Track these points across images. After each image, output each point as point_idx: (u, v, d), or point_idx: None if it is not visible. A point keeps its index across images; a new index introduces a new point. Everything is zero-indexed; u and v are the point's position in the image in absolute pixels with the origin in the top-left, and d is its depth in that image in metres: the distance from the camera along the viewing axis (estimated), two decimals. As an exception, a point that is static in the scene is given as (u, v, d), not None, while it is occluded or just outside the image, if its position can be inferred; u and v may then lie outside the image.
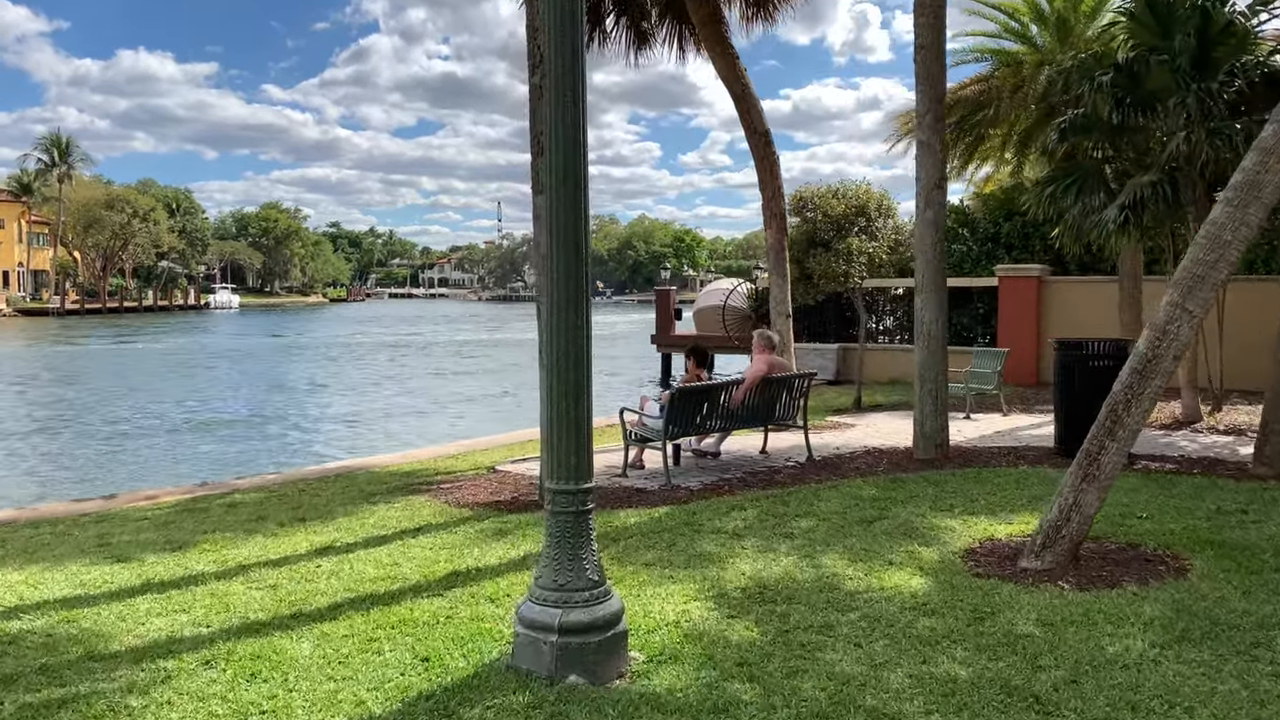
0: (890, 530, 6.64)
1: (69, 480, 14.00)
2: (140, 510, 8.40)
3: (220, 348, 44.74)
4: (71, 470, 14.87)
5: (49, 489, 13.10)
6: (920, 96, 9.07)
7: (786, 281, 11.83)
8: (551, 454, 4.40)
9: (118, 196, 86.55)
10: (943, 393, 9.14)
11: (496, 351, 44.44)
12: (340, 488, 9.06)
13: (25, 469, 15.13)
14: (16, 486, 13.62)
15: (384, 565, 6.03)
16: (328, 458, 15.16)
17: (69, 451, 16.59)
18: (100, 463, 15.36)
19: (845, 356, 19.17)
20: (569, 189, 4.28)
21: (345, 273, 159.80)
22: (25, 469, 15.13)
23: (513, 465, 9.73)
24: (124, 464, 15.18)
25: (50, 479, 14.15)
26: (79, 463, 15.49)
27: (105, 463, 15.34)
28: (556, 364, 4.35)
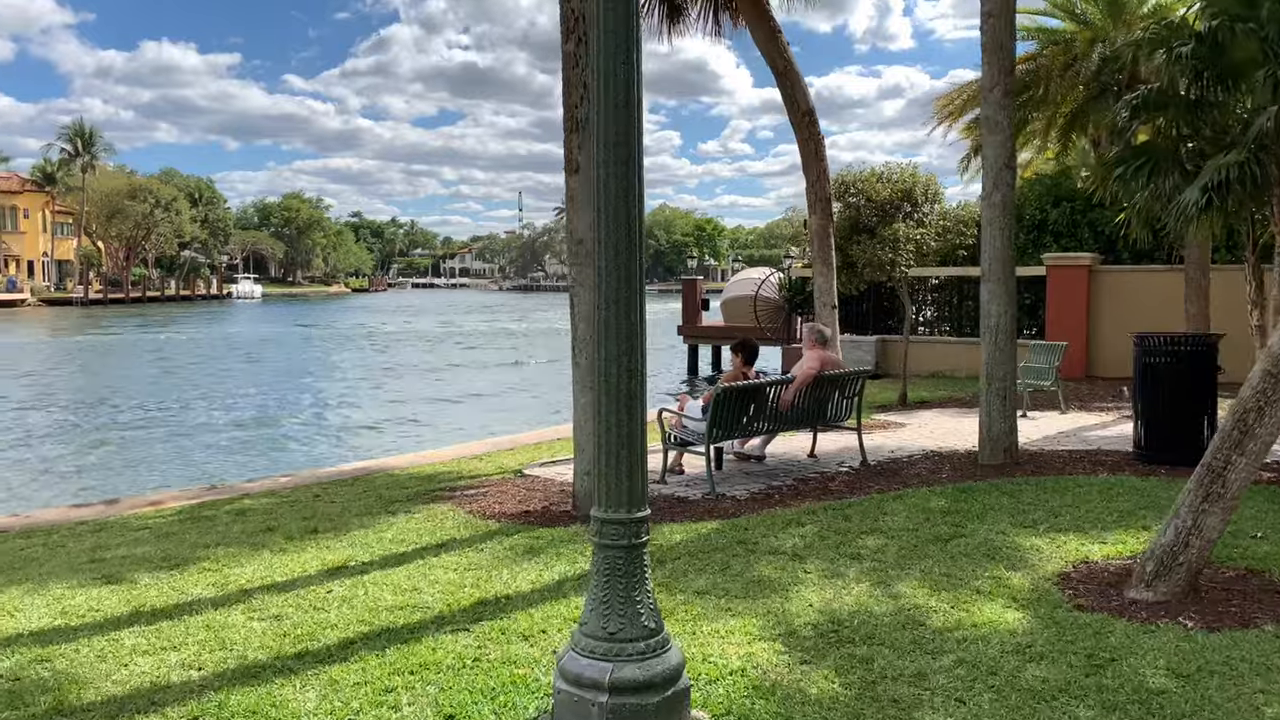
0: (970, 551, 5.89)
1: (77, 479, 13.46)
2: (141, 518, 7.77)
3: (243, 338, 44.36)
4: (81, 467, 14.33)
5: (55, 489, 12.54)
6: (987, 69, 8.28)
7: (832, 270, 11.07)
8: (599, 477, 3.70)
9: (140, 186, 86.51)
10: (1011, 393, 8.37)
11: (521, 343, 43.87)
12: (357, 493, 8.40)
13: (36, 466, 14.61)
14: (24, 485, 13.09)
15: (403, 591, 5.35)
16: (346, 455, 14.56)
17: (82, 448, 16.07)
18: (112, 460, 14.82)
19: (884, 349, 18.39)
20: (619, 157, 3.56)
21: (367, 262, 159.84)
22: (36, 466, 14.61)
23: (541, 469, 9.04)
24: (135, 461, 14.62)
25: (59, 477, 13.61)
26: (90, 460, 14.95)
27: (116, 460, 14.80)
28: (605, 371, 3.64)
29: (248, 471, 13.18)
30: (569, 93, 6.71)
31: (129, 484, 12.62)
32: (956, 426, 11.23)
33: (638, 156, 3.60)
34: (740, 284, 26.46)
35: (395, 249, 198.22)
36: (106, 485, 12.78)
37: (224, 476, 12.69)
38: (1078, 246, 17.62)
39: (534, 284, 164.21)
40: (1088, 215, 17.60)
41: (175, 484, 12.15)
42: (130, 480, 12.97)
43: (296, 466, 13.12)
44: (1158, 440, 8.18)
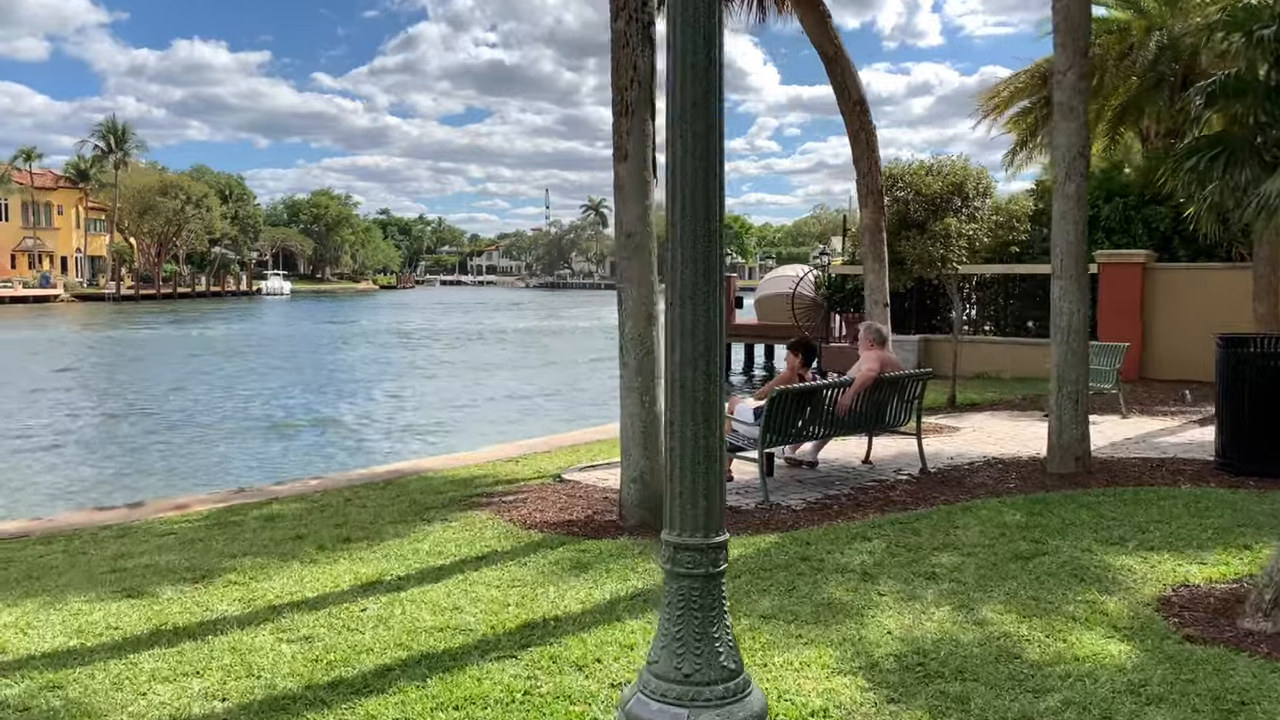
0: (1055, 570, 5.40)
1: (104, 477, 13.21)
2: (166, 523, 7.44)
3: (273, 336, 44.32)
4: (109, 465, 14.09)
5: (81, 488, 12.30)
6: (1061, 51, 7.77)
7: (884, 266, 10.57)
8: (671, 496, 3.26)
9: (172, 183, 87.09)
10: (1084, 397, 7.85)
11: (553, 341, 43.56)
12: (390, 498, 8.03)
13: (65, 464, 14.40)
14: (51, 484, 12.87)
15: (442, 610, 4.95)
16: (377, 457, 14.22)
17: (110, 445, 15.86)
18: (139, 458, 14.57)
19: (927, 349, 17.83)
20: (698, 128, 3.12)
21: (395, 259, 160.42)
22: (65, 464, 14.40)
23: (580, 473, 8.62)
24: (163, 460, 14.37)
25: (86, 475, 13.37)
26: (118, 458, 14.72)
27: (144, 458, 14.55)
28: (680, 376, 3.19)
29: (276, 473, 12.88)
30: (618, 74, 6.27)
31: (155, 484, 12.36)
32: (1013, 431, 10.71)
33: (720, 127, 3.15)
34: (775, 281, 25.95)
35: (423, 246, 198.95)
36: (133, 484, 12.53)
37: (252, 478, 12.39)
38: (1131, 243, 16.98)
39: (560, 281, 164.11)
40: (1141, 211, 16.95)
41: (202, 485, 11.87)
42: (157, 480, 12.71)
43: (327, 468, 12.81)
44: (1244, 450, 7.63)
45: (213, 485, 11.74)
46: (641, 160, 6.27)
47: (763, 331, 25.63)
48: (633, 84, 6.23)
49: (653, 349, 6.38)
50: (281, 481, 9.19)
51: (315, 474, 10.53)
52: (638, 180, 6.27)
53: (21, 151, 77.64)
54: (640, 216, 6.30)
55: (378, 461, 12.98)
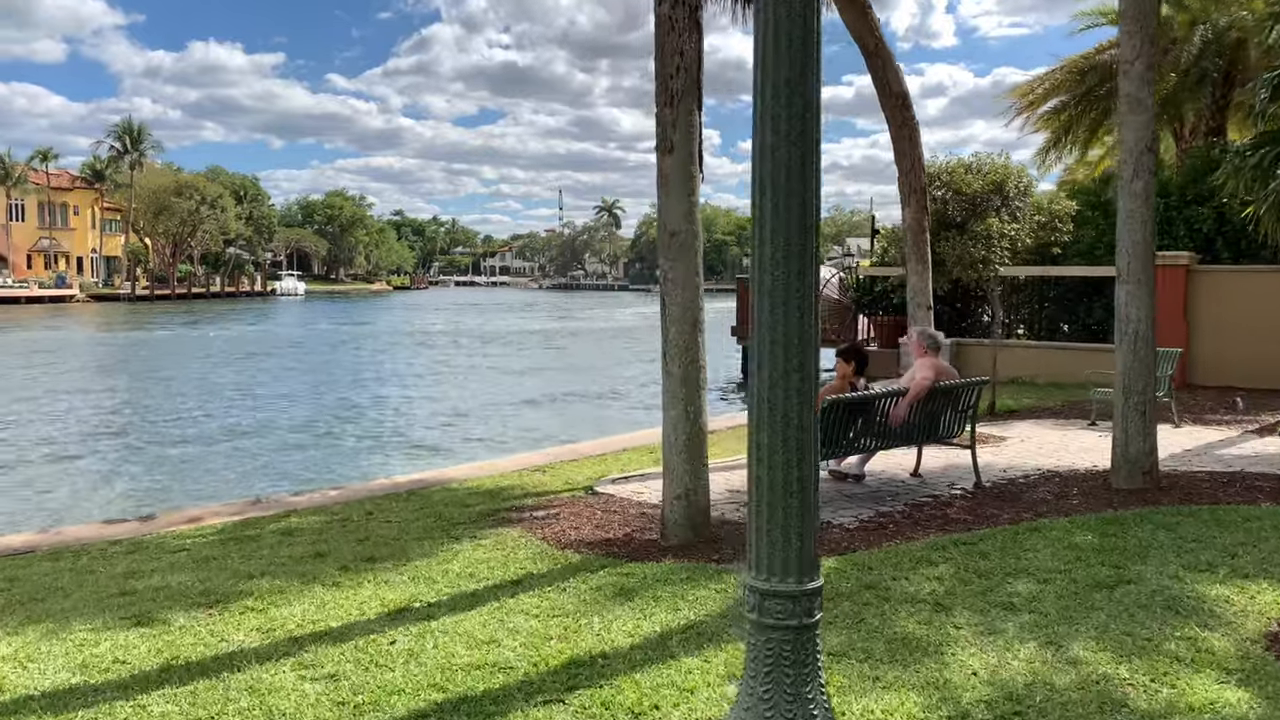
0: (1144, 602, 4.94)
1: (116, 485, 12.85)
2: (179, 537, 7.05)
3: (289, 337, 44.03)
4: (121, 473, 13.73)
5: (92, 497, 11.94)
6: (1127, 40, 7.29)
7: (927, 268, 10.11)
8: (755, 533, 2.83)
9: (187, 183, 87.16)
10: (1152, 407, 7.37)
11: (571, 342, 43.16)
12: (413, 511, 7.61)
13: (76, 470, 14.05)
14: (62, 491, 12.52)
15: (478, 643, 4.52)
16: (398, 464, 13.82)
17: (123, 451, 15.50)
18: (152, 465, 14.19)
19: (961, 354, 17.31)
20: (793, 110, 2.68)
21: (409, 260, 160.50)
22: (76, 470, 14.05)
23: (614, 486, 8.20)
24: (177, 467, 13.97)
25: (98, 482, 13.02)
26: (130, 464, 14.36)
27: (157, 465, 14.16)
28: (769, 395, 2.76)
29: (294, 481, 12.49)
30: (663, 61, 5.84)
31: (168, 492, 11.97)
32: (1063, 440, 10.23)
33: (817, 107, 2.72)
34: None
35: (436, 247, 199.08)
36: (145, 493, 12.16)
37: (269, 487, 12.02)
38: (1172, 245, 16.43)
39: (573, 282, 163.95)
40: (1183, 212, 16.43)
41: (217, 493, 11.50)
42: (170, 488, 12.32)
43: (346, 477, 12.43)
44: (1325, 464, 7.14)
45: (228, 494, 11.38)
46: (687, 153, 5.84)
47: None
48: (679, 72, 5.80)
49: (698, 357, 5.94)
50: (300, 491, 8.79)
51: (334, 483, 10.14)
52: (683, 175, 5.83)
53: (38, 152, 77.88)
54: (686, 214, 5.87)
55: (399, 469, 12.58)
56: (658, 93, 5.90)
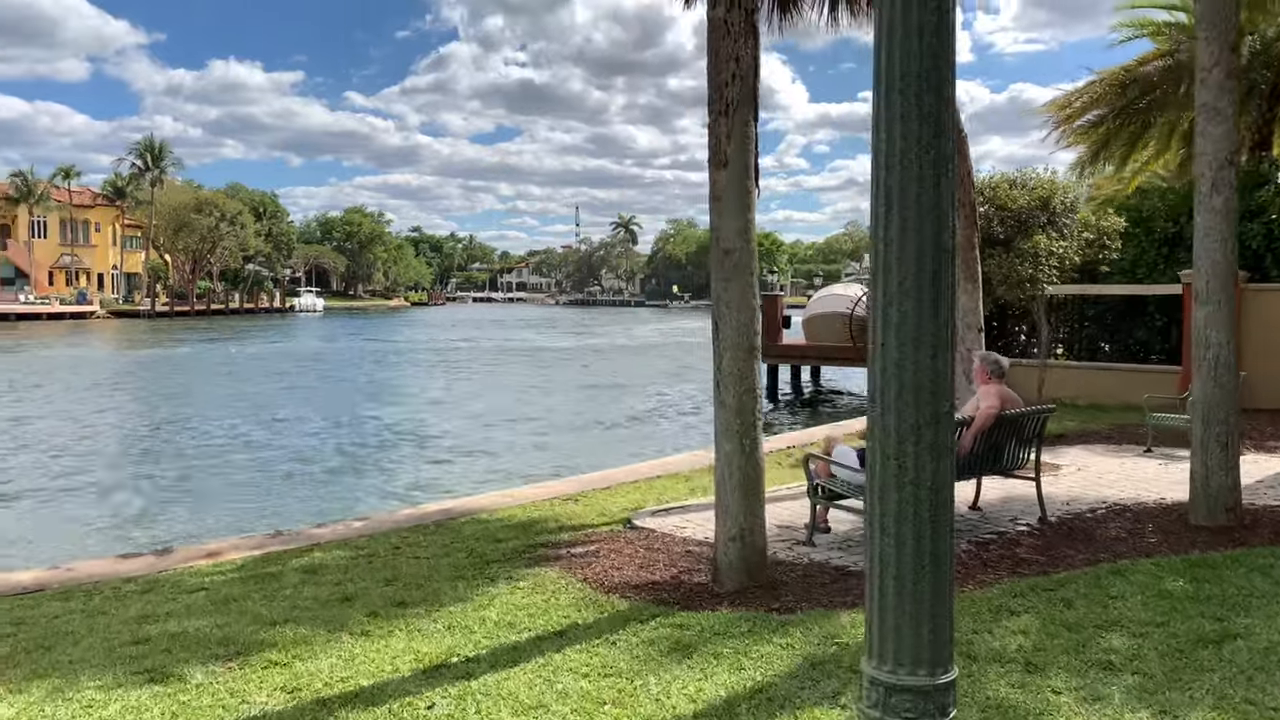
0: (1261, 662, 4.46)
1: (132, 513, 12.48)
2: (197, 574, 6.65)
3: (309, 354, 43.77)
4: (137, 499, 13.37)
5: (107, 527, 11.58)
6: (1205, 46, 6.85)
7: (978, 287, 9.64)
8: (880, 615, 2.37)
9: (207, 200, 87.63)
10: (1235, 438, 6.88)
11: (594, 360, 42.77)
12: (443, 545, 7.19)
13: (92, 496, 13.72)
14: (75, 520, 12.18)
15: (525, 708, 4.08)
16: (422, 489, 13.42)
17: (139, 477, 15.14)
18: (170, 491, 13.83)
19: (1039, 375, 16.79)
20: (924, 109, 2.26)
21: (427, 276, 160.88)
22: (92, 496, 13.72)
23: (653, 519, 7.75)
24: (195, 493, 13.60)
25: (113, 511, 12.65)
26: (146, 490, 13.99)
27: (174, 491, 13.79)
28: (896, 450, 2.31)
29: (316, 507, 12.13)
30: (718, 68, 5.43)
31: (186, 522, 11.59)
32: (1123, 469, 9.72)
33: (951, 109, 2.29)
34: (826, 300, 25.00)
35: (454, 263, 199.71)
36: (162, 521, 11.79)
37: (290, 514, 11.65)
38: (1218, 262, 15.88)
39: (590, 298, 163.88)
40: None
41: (236, 521, 11.12)
42: (187, 518, 11.93)
43: (369, 504, 12.03)
44: None
45: (250, 521, 11.01)
46: (743, 166, 5.43)
47: (810, 352, 24.68)
48: (734, 79, 5.39)
49: (754, 386, 5.51)
50: (323, 523, 8.38)
51: (358, 512, 9.75)
52: (739, 189, 5.42)
53: (60, 170, 78.39)
54: (741, 231, 5.45)
55: (424, 494, 12.19)
56: (711, 102, 5.49)
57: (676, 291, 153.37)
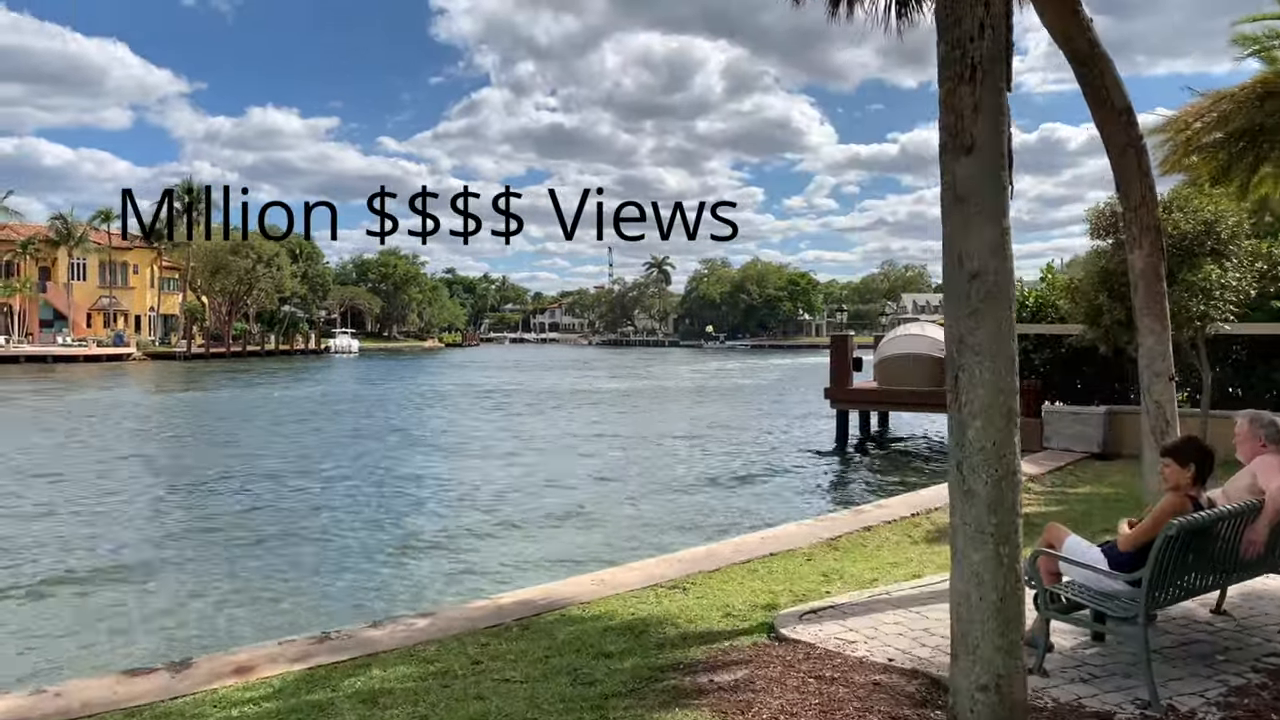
0: None
1: (149, 602, 10.85)
2: (223, 702, 5.05)
3: (349, 398, 41.99)
4: (156, 579, 11.69)
5: (114, 617, 9.95)
6: None
7: (1165, 326, 7.90)
8: None
9: (243, 242, 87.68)
10: None
11: (644, 403, 41.11)
12: (536, 660, 5.55)
13: (102, 570, 12.06)
14: (80, 608, 10.59)
15: None
16: (487, 567, 11.71)
17: (157, 549, 13.37)
18: (190, 568, 12.10)
19: (1114, 423, 14.97)
20: None
21: (460, 318, 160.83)
22: (102, 570, 12.06)
23: (803, 625, 6.02)
24: (219, 572, 11.78)
25: (125, 596, 10.91)
26: (166, 566, 12.31)
27: (195, 568, 12.01)
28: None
29: (365, 588, 10.50)
30: (957, 17, 3.84)
31: (209, 614, 9.90)
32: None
33: None
34: (902, 341, 23.24)
35: (487, 304, 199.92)
36: (185, 610, 10.11)
37: (336, 600, 10.03)
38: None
39: (624, 339, 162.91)
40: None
41: (270, 614, 9.50)
42: (212, 607, 10.23)
43: (430, 589, 10.35)
44: None
45: (290, 605, 9.42)
46: (996, 153, 3.81)
47: (885, 397, 22.88)
48: (982, 31, 3.79)
49: (1015, 467, 3.84)
50: (378, 622, 6.76)
51: (422, 599, 8.12)
52: (992, 185, 3.80)
53: (100, 213, 78.62)
54: (994, 245, 3.82)
55: (489, 579, 10.54)
56: (945, 65, 3.88)
57: (711, 332, 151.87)
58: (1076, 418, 15.11)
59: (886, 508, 10.64)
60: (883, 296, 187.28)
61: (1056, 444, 15.33)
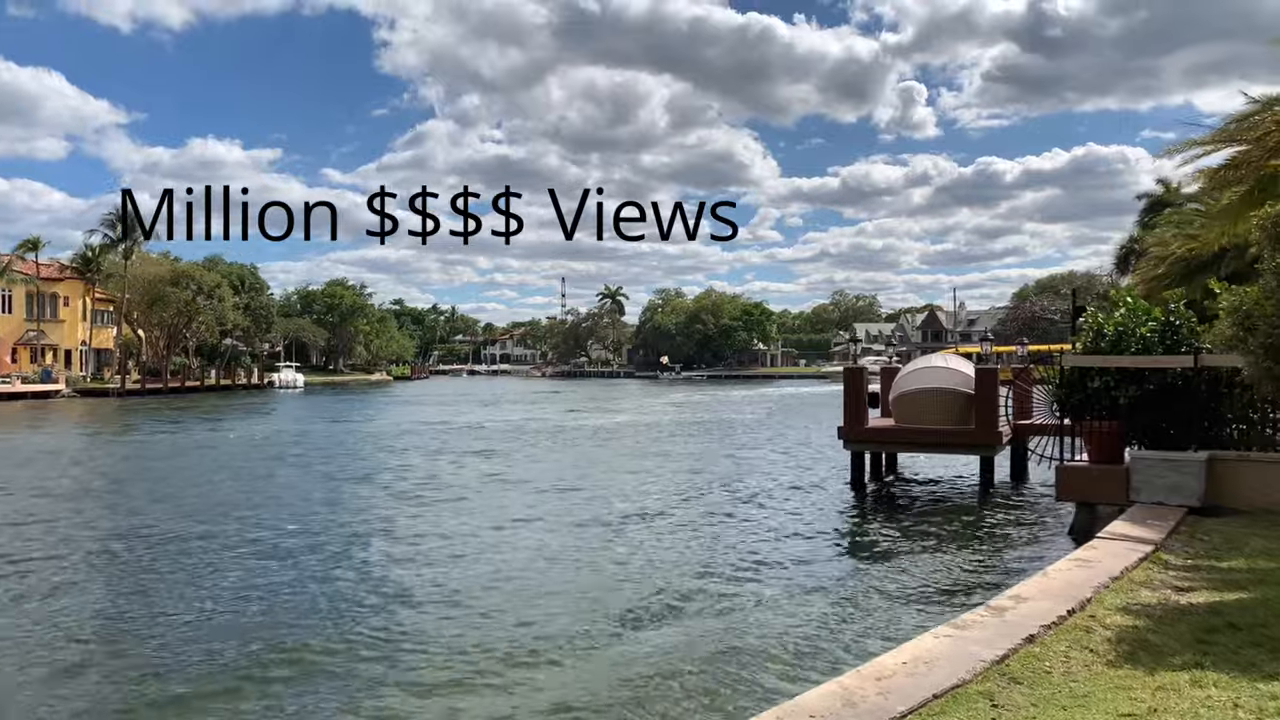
0: None
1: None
2: None
3: (300, 442, 36.92)
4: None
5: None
6: None
7: None
8: None
9: (183, 273, 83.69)
10: None
11: (633, 440, 38.45)
12: None
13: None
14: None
15: None
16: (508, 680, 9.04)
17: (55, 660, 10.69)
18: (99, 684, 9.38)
19: (1219, 472, 12.88)
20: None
21: (409, 350, 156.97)
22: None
23: None
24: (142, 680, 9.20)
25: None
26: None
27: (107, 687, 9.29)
28: None
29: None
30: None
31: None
32: None
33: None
34: (923, 374, 21.12)
35: (435, 336, 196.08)
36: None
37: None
38: None
39: (578, 370, 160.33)
40: None
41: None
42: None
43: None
44: None
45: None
46: None
47: (906, 437, 20.71)
48: None
49: None
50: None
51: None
52: None
53: (26, 243, 74.23)
54: None
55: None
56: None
57: (666, 362, 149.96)
58: (1172, 465, 12.99)
59: (1027, 601, 8.30)
60: (834, 326, 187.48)
61: (1146, 496, 13.18)
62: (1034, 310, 78.84)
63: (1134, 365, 13.49)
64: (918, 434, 19.95)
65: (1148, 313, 13.96)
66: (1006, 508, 18.47)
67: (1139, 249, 43.04)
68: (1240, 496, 12.50)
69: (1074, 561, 9.74)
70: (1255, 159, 15.05)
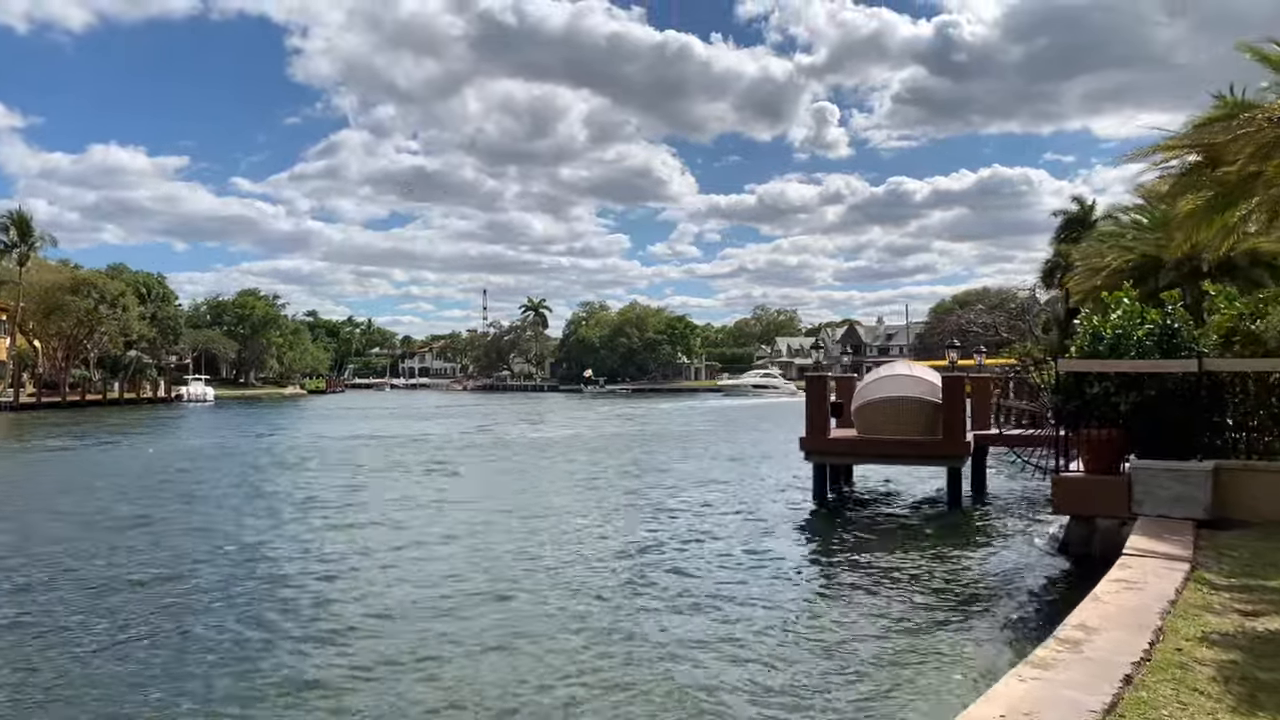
0: None
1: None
2: None
3: (211, 460, 33.71)
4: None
5: None
6: None
7: None
8: None
9: (84, 280, 79.29)
10: None
11: (587, 456, 37.01)
12: None
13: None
14: None
15: None
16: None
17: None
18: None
19: (1225, 483, 12.29)
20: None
21: (324, 362, 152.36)
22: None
23: None
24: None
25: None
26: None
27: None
28: None
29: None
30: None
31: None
32: None
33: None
34: (885, 383, 20.40)
35: (352, 348, 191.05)
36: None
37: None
38: None
39: (500, 384, 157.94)
40: None
41: None
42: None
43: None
44: None
45: None
46: None
47: (871, 449, 19.94)
48: None
49: None
50: None
51: None
52: None
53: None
54: None
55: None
56: None
57: (590, 376, 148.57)
58: (1176, 476, 12.37)
59: (1099, 632, 7.35)
60: (756, 340, 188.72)
61: (1150, 509, 12.52)
62: (960, 323, 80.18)
63: (1135, 370, 12.88)
64: (884, 445, 19.19)
65: (1144, 315, 13.39)
66: (984, 521, 17.88)
67: (1065, 263, 43.60)
68: (1247, 508, 11.93)
69: (1119, 584, 8.87)
70: (1243, 160, 14.68)
